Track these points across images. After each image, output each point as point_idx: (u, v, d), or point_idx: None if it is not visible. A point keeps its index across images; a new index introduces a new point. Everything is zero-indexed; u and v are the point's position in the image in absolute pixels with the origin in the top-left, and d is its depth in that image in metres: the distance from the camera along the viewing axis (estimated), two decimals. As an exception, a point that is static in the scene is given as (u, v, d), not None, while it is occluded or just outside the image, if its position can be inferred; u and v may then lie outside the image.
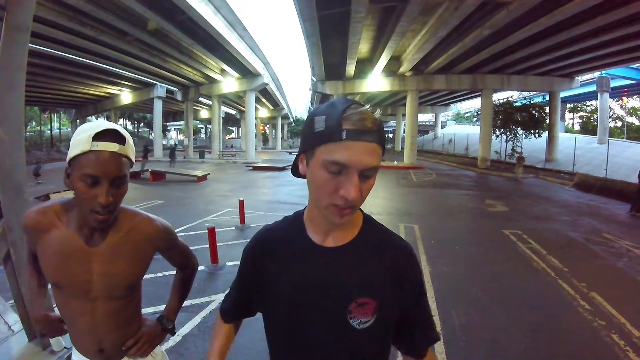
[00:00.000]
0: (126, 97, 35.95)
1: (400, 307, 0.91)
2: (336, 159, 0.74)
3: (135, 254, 1.25)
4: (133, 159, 1.17)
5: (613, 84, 30.27)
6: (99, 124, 1.09)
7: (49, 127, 48.92)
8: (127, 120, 63.84)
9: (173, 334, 1.52)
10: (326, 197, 0.79)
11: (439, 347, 3.36)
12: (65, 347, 2.53)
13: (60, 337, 2.52)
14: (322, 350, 0.89)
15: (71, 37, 18.13)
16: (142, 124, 67.62)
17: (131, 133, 61.70)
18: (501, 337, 3.63)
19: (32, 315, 1.29)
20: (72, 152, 1.07)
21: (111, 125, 1.10)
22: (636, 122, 44.27)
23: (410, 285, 0.92)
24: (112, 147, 1.06)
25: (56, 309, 1.30)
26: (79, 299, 1.20)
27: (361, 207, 0.95)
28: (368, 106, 0.78)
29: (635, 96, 41.04)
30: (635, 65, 28.36)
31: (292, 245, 0.93)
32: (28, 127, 47.11)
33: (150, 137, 58.04)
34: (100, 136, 1.05)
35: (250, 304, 1.06)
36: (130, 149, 1.14)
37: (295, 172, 0.92)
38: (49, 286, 1.30)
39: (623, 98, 38.71)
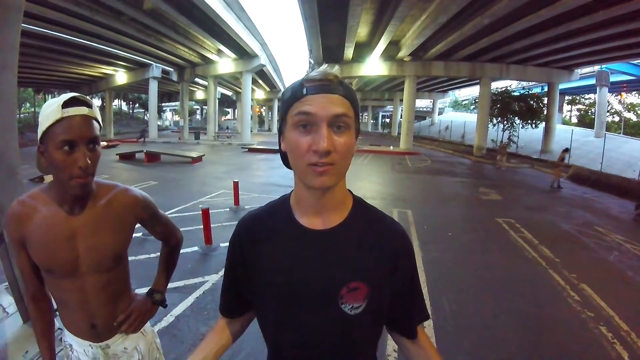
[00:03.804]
0: (121, 77, 35.42)
1: (393, 291, 0.91)
2: (301, 109, 0.77)
3: (117, 224, 1.26)
4: (101, 123, 1.20)
5: (612, 78, 30.17)
6: (64, 95, 1.11)
7: (43, 108, 48.29)
8: (122, 101, 63.10)
9: (165, 306, 1.53)
10: (302, 158, 0.77)
11: (429, 332, 3.41)
12: (58, 328, 2.54)
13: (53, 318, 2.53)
14: (314, 336, 0.88)
15: (65, 17, 17.78)
16: (137, 105, 66.87)
17: (126, 114, 61.42)
18: (491, 324, 3.69)
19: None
20: (43, 126, 1.09)
21: (75, 94, 1.13)
22: (634, 117, 44.29)
23: (403, 268, 0.92)
24: (82, 110, 1.11)
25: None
26: (69, 277, 1.21)
27: (352, 191, 0.95)
28: (336, 67, 0.82)
29: (634, 92, 41.04)
30: (635, 62, 28.32)
31: (280, 230, 0.91)
32: (22, 109, 46.51)
33: (146, 117, 57.40)
34: (68, 104, 1.09)
35: (245, 296, 1.01)
36: (97, 112, 1.18)
37: (285, 162, 0.90)
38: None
39: (622, 93, 38.67)
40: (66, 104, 1.08)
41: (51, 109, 1.08)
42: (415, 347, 1.00)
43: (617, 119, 44.12)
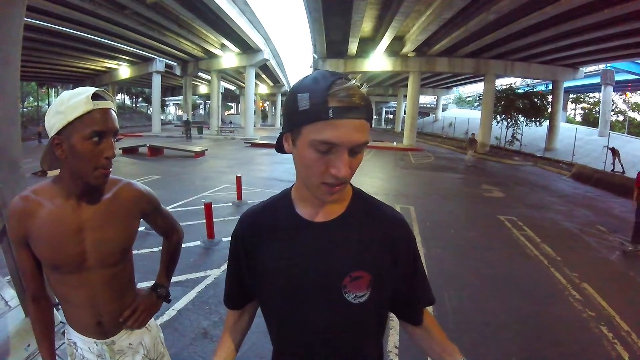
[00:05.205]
0: (124, 71, 35.44)
1: (397, 278, 0.92)
2: (325, 138, 0.72)
3: (123, 217, 1.27)
4: None
5: (617, 77, 29.99)
6: (85, 88, 1.13)
7: (47, 102, 48.24)
8: (125, 95, 63.02)
9: (168, 301, 1.53)
10: (316, 176, 0.77)
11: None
12: (61, 322, 2.56)
13: (55, 311, 2.54)
14: (319, 327, 0.89)
15: (68, 11, 17.71)
16: (140, 99, 66.88)
17: (129, 108, 61.42)
18: (492, 322, 3.69)
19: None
20: (69, 117, 1.08)
21: (96, 88, 1.15)
22: (638, 117, 44.12)
23: (405, 256, 0.93)
24: (109, 104, 1.15)
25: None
26: (76, 272, 1.20)
27: (352, 184, 0.95)
28: (354, 80, 0.75)
29: (639, 91, 40.78)
30: (640, 61, 28.13)
31: (282, 224, 0.92)
32: (25, 103, 46.51)
33: (149, 112, 57.41)
34: (95, 97, 1.11)
35: (248, 287, 1.03)
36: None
37: (280, 149, 0.91)
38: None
39: (627, 92, 38.46)
40: (94, 97, 1.11)
41: (77, 101, 1.08)
42: (421, 331, 1.02)
43: (621, 118, 43.98)
